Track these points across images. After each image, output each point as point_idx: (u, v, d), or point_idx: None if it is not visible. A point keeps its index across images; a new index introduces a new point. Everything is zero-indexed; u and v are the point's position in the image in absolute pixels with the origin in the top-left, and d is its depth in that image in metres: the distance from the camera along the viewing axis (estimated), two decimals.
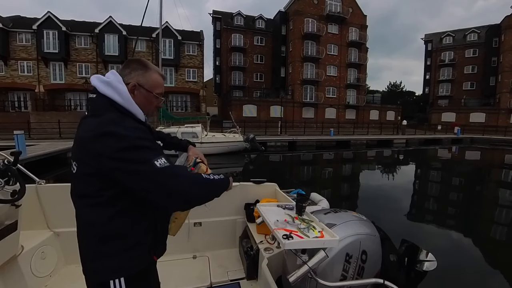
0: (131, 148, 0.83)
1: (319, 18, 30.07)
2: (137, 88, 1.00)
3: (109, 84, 0.94)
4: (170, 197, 0.86)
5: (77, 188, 0.95)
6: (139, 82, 1.00)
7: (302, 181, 9.82)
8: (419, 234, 4.92)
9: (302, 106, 30.35)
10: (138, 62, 1.04)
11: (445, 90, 39.46)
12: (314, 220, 1.45)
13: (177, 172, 0.88)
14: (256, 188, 2.72)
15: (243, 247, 2.29)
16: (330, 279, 1.32)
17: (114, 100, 0.94)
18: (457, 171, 13.00)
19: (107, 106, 0.93)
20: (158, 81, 1.05)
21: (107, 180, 0.88)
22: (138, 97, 1.00)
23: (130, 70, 1.01)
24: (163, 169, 0.84)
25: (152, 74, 1.03)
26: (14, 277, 1.76)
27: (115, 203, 0.91)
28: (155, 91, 1.04)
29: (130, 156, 0.83)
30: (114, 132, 0.84)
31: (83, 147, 0.89)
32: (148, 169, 0.83)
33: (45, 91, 22.97)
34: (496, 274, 3.72)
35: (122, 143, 0.83)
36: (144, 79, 1.01)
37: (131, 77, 1.00)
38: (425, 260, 1.56)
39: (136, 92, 1.00)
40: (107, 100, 0.94)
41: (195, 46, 26.35)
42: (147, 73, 1.02)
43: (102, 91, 0.94)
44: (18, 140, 8.62)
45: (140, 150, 0.84)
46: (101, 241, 0.92)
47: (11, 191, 1.55)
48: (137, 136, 0.86)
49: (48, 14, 22.09)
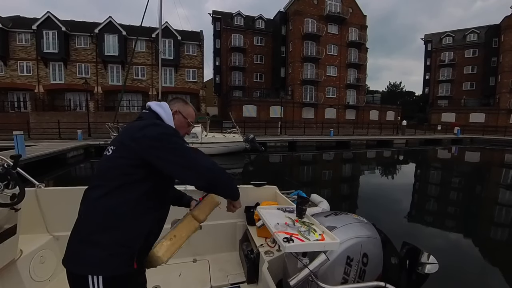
0: (171, 134, 1.11)
1: (319, 18, 30.08)
2: (177, 114, 1.33)
3: (160, 106, 1.28)
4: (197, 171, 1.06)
5: (101, 171, 1.11)
6: (180, 110, 1.34)
7: (302, 181, 9.81)
8: (420, 236, 4.92)
9: (302, 106, 30.36)
10: (181, 99, 1.42)
11: (445, 90, 39.50)
12: (314, 223, 1.45)
13: (202, 155, 1.12)
14: (256, 191, 2.72)
15: (243, 250, 2.29)
16: (331, 282, 1.31)
17: (160, 115, 1.25)
18: (457, 171, 13.00)
19: (154, 117, 1.23)
20: (192, 113, 1.40)
21: (134, 164, 1.05)
22: (176, 120, 1.31)
23: (175, 102, 1.38)
24: (187, 149, 1.08)
25: (189, 107, 1.39)
26: (12, 281, 1.75)
27: (126, 193, 1.04)
28: (189, 118, 1.37)
29: (171, 138, 1.08)
30: (159, 124, 1.16)
31: (129, 132, 1.13)
32: (181, 145, 1.08)
33: (45, 91, 22.95)
34: (498, 275, 3.71)
35: (165, 130, 1.11)
36: (183, 108, 1.36)
37: (174, 106, 1.35)
38: (426, 263, 1.55)
39: (176, 116, 1.32)
40: (155, 114, 1.25)
41: (195, 46, 26.34)
42: (186, 105, 1.38)
43: (154, 108, 1.26)
44: (18, 141, 8.61)
45: (178, 137, 1.12)
46: (95, 226, 1.00)
47: (11, 195, 1.54)
48: (175, 130, 1.17)
49: (48, 14, 22.07)
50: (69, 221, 0.87)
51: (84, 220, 1.04)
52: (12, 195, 1.55)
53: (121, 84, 23.19)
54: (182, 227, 1.26)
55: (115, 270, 0.99)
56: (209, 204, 1.41)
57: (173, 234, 1.21)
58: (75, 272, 1.00)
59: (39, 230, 2.16)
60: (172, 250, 1.16)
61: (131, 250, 1.02)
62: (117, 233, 1.00)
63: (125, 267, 1.01)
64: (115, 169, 1.06)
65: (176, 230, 1.23)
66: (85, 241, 0.99)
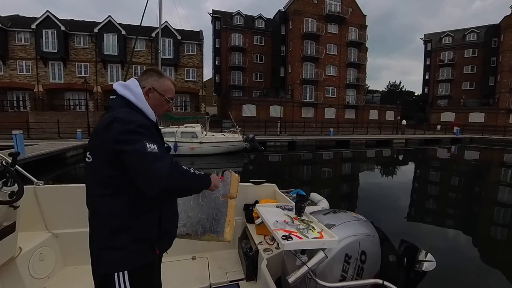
0: (131, 132, 0.95)
1: (318, 17, 30.06)
2: (152, 91, 1.15)
3: (126, 87, 1.11)
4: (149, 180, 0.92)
5: (90, 177, 1.06)
6: (154, 86, 1.15)
7: (301, 181, 9.82)
8: (418, 234, 4.93)
9: (301, 106, 30.36)
10: (154, 70, 1.21)
11: (445, 90, 39.52)
12: (313, 221, 1.45)
13: (161, 158, 0.94)
14: (255, 189, 2.72)
15: (242, 248, 2.29)
16: (330, 280, 1.31)
17: (129, 99, 1.09)
18: (456, 171, 13.02)
19: (122, 104, 1.08)
20: (170, 87, 1.20)
21: (116, 167, 0.98)
22: (151, 99, 1.15)
23: (147, 76, 1.17)
24: (151, 152, 0.93)
25: (165, 81, 1.19)
26: (12, 279, 1.75)
27: (123, 193, 1.01)
28: (166, 95, 1.19)
29: (129, 137, 0.95)
30: (121, 118, 0.98)
31: (97, 135, 1.02)
32: (138, 149, 0.93)
33: (44, 90, 22.91)
34: (495, 273, 3.73)
35: (125, 127, 0.96)
36: (158, 84, 1.16)
37: (147, 82, 1.16)
38: (424, 260, 1.56)
39: (151, 94, 1.15)
40: (123, 99, 1.10)
41: (195, 45, 26.31)
42: (161, 79, 1.18)
43: (120, 92, 1.10)
44: (17, 140, 8.60)
45: (138, 134, 0.96)
46: (110, 232, 1.01)
47: (9, 192, 1.54)
48: (139, 124, 0.98)
49: (47, 13, 22.02)
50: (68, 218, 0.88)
51: (98, 228, 1.05)
52: (11, 193, 1.55)
53: None
54: (229, 211, 1.49)
55: (139, 262, 1.05)
56: (235, 180, 1.55)
57: (228, 219, 1.46)
58: (100, 273, 1.05)
59: (38, 227, 2.16)
60: (233, 230, 1.49)
61: (150, 241, 1.08)
62: (132, 233, 1.03)
63: (147, 257, 1.08)
64: (103, 177, 1.01)
65: (228, 215, 1.48)
66: (105, 248, 1.02)
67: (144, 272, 1.07)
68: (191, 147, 12.88)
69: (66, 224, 2.14)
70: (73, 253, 2.12)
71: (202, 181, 1.14)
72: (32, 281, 1.87)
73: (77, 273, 2.03)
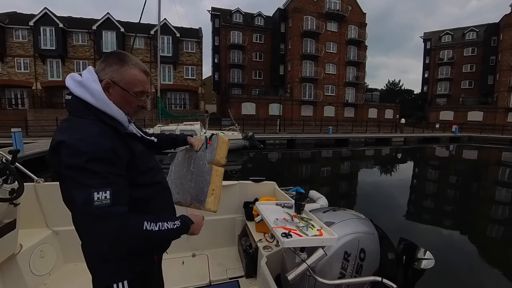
0: (79, 169, 0.75)
1: (318, 15, 29.96)
2: (112, 86, 0.88)
3: (81, 84, 0.86)
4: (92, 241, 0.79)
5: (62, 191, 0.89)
6: (113, 79, 0.88)
7: (301, 178, 9.84)
8: (417, 232, 4.96)
9: (301, 104, 30.33)
10: (114, 56, 0.91)
11: (444, 88, 39.52)
12: (313, 219, 1.46)
13: (109, 216, 0.75)
14: (255, 187, 2.73)
15: (242, 245, 2.30)
16: (329, 277, 1.32)
17: (86, 101, 0.85)
18: (454, 169, 13.07)
19: (81, 109, 0.86)
20: (136, 78, 0.91)
21: None
22: (114, 96, 0.89)
23: (105, 65, 0.89)
24: (97, 208, 0.74)
25: (129, 70, 0.89)
26: (13, 275, 1.76)
27: None
28: (132, 89, 0.90)
29: (75, 177, 0.76)
30: (68, 144, 0.77)
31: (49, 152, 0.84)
32: (82, 201, 0.74)
33: (42, 88, 22.78)
34: (493, 270, 3.76)
35: (72, 160, 0.75)
36: (118, 75, 0.88)
37: (105, 73, 0.88)
38: (423, 258, 1.57)
39: (111, 90, 0.89)
40: (80, 102, 0.86)
41: (194, 43, 26.19)
42: (122, 68, 0.89)
43: (75, 92, 0.86)
44: (16, 138, 8.56)
45: (87, 175, 0.75)
46: None
47: (10, 190, 1.54)
48: (90, 158, 0.75)
49: (45, 10, 21.84)
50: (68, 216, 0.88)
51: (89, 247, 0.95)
52: (11, 190, 1.55)
53: None
54: (214, 179, 1.33)
55: (138, 269, 0.95)
56: (222, 145, 1.39)
57: (211, 188, 1.31)
58: (100, 285, 0.94)
59: (39, 224, 2.16)
60: (217, 200, 1.32)
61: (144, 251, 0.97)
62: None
63: (145, 264, 0.98)
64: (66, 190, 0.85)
65: (211, 184, 1.31)
66: (101, 261, 0.92)
67: (144, 276, 0.99)
68: None
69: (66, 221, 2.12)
70: (74, 250, 2.11)
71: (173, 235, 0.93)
72: (33, 278, 1.87)
73: (77, 270, 2.03)
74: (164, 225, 0.87)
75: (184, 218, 0.98)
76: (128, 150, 0.89)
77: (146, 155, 1.01)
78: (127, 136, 0.92)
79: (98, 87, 0.86)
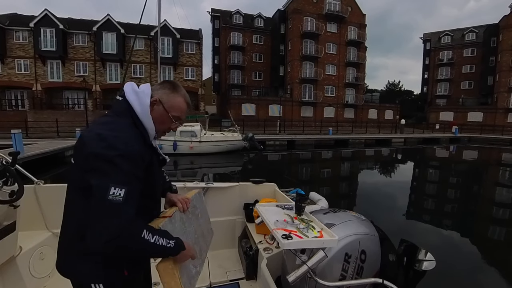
0: (106, 161, 0.82)
1: (318, 16, 30.02)
2: (157, 104, 1.02)
3: (136, 93, 1.00)
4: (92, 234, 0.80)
5: (70, 179, 0.96)
6: (161, 99, 1.03)
7: (301, 180, 9.83)
8: (418, 234, 4.95)
9: (300, 105, 30.34)
10: (170, 83, 1.08)
11: (443, 89, 39.56)
12: (313, 220, 1.46)
13: (119, 213, 0.79)
14: (255, 188, 2.73)
15: (242, 247, 2.30)
16: (330, 279, 1.32)
17: (134, 108, 0.98)
18: (455, 170, 13.07)
19: (125, 111, 0.98)
20: (178, 104, 1.05)
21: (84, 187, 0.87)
22: (155, 112, 1.02)
23: (160, 87, 1.06)
24: (110, 201, 0.79)
25: (176, 97, 1.05)
26: (12, 278, 1.75)
27: None
28: (171, 112, 1.04)
29: (100, 166, 0.82)
30: (105, 137, 0.85)
31: (80, 142, 0.90)
32: (98, 190, 0.80)
33: (43, 89, 22.80)
34: (494, 272, 3.75)
35: (104, 150, 0.83)
36: (166, 97, 1.03)
37: (157, 92, 1.04)
38: (424, 260, 1.57)
39: (156, 107, 1.02)
40: (128, 106, 0.98)
41: (194, 44, 26.23)
42: (172, 93, 1.05)
43: (128, 96, 0.99)
44: (16, 139, 8.57)
45: (112, 168, 0.82)
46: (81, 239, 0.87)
47: (9, 192, 1.54)
48: (120, 154, 0.83)
49: (45, 11, 21.89)
50: None
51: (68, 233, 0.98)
52: (11, 192, 1.54)
53: (120, 83, 23.15)
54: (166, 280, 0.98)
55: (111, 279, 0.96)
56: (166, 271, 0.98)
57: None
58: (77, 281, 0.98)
59: (38, 226, 2.16)
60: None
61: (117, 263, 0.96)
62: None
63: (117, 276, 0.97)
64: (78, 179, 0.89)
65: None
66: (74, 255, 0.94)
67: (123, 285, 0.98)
68: (190, 146, 12.87)
69: None
70: None
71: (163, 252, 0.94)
72: (33, 280, 1.87)
73: None
74: (159, 240, 0.90)
75: (179, 241, 0.99)
76: (149, 158, 0.99)
77: (158, 170, 1.11)
78: (150, 147, 1.03)
79: (147, 101, 1.00)
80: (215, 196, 2.60)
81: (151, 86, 1.05)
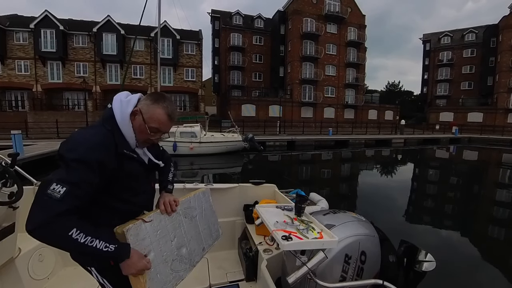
0: (65, 160, 0.89)
1: (317, 17, 30.06)
2: (138, 114, 1.05)
3: (121, 102, 1.06)
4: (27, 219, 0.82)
5: None
6: (142, 109, 1.05)
7: (301, 180, 9.82)
8: (418, 235, 4.94)
9: (300, 105, 30.36)
10: (155, 95, 1.10)
11: (443, 89, 39.60)
12: (313, 221, 1.45)
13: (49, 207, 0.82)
14: (255, 189, 2.72)
15: (242, 248, 2.29)
16: (330, 280, 1.32)
17: (115, 115, 1.04)
18: (455, 170, 13.06)
19: (108, 118, 1.04)
20: (157, 116, 1.05)
21: None
22: (135, 122, 1.05)
23: (146, 98, 1.09)
24: (46, 194, 0.83)
25: (156, 109, 1.05)
26: (11, 280, 1.74)
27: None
28: (149, 123, 1.04)
29: (60, 164, 0.91)
30: (73, 139, 0.94)
31: None
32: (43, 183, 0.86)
33: (43, 90, 22.81)
34: (495, 272, 3.74)
35: (67, 152, 0.91)
36: (146, 108, 1.05)
37: (141, 103, 1.07)
38: (424, 261, 1.56)
39: (136, 117, 1.05)
40: (110, 113, 1.05)
41: (194, 45, 26.26)
42: (153, 105, 1.06)
43: (113, 105, 1.06)
44: (16, 140, 8.56)
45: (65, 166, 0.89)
46: None
47: (9, 193, 1.54)
48: (79, 157, 0.89)
49: (46, 12, 21.92)
50: None
51: None
52: (10, 194, 1.54)
53: (120, 83, 23.13)
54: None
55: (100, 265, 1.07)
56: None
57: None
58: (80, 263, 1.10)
59: None
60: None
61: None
62: None
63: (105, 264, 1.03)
64: None
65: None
66: None
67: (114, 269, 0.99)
68: (190, 147, 12.87)
69: None
70: None
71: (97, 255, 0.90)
72: (32, 282, 1.86)
73: (76, 274, 2.02)
74: (94, 241, 0.88)
75: (124, 248, 0.95)
76: (118, 165, 1.01)
77: (140, 177, 1.13)
78: (123, 155, 1.03)
79: (128, 110, 1.05)
80: (214, 197, 2.59)
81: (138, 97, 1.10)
